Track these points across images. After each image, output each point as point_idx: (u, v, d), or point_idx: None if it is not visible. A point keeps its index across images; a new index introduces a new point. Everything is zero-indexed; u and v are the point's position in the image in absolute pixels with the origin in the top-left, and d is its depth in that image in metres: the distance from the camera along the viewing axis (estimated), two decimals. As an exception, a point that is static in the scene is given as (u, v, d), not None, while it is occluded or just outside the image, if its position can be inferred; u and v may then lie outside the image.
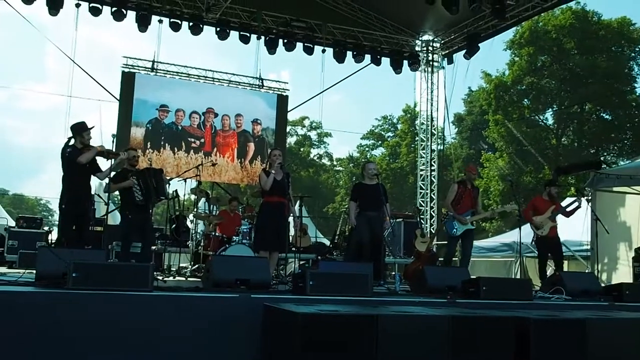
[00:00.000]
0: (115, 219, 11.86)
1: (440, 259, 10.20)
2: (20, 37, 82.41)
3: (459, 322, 4.52)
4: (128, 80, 15.22)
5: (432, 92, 17.25)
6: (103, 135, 10.15)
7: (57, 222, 13.67)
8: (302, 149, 46.54)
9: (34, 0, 13.14)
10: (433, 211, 16.41)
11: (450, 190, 9.61)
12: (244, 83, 16.57)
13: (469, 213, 9.21)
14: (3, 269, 9.45)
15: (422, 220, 15.68)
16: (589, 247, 11.61)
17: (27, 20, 14.31)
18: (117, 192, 8.66)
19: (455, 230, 9.18)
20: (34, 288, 5.06)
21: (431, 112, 17.29)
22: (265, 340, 4.84)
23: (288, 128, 28.45)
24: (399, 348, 4.26)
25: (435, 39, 16.91)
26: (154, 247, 10.78)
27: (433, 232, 14.86)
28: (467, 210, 9.23)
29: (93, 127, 7.76)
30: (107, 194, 8.33)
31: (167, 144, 15.41)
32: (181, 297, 5.14)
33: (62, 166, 7.70)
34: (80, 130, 7.66)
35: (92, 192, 8.49)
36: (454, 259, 10.29)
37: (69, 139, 7.63)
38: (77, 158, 7.45)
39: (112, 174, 8.10)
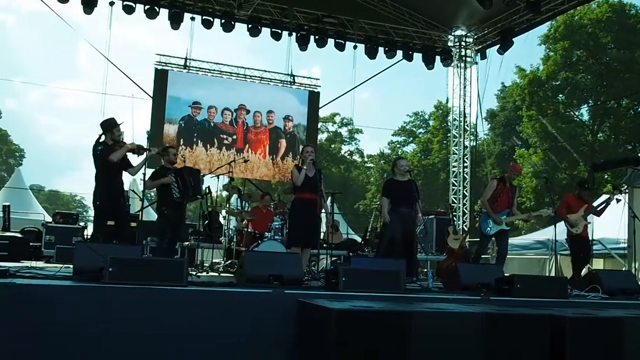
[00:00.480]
0: (148, 215, 12.00)
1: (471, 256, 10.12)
2: (55, 35, 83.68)
3: (493, 319, 4.48)
4: (161, 77, 15.36)
5: (464, 87, 17.09)
6: (137, 132, 10.26)
7: (92, 218, 13.92)
8: (333, 146, 46.53)
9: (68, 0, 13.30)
10: (465, 208, 16.28)
11: (488, 187, 9.42)
12: (276, 80, 16.61)
13: (505, 213, 9.07)
14: (41, 264, 9.61)
15: (454, 217, 15.58)
16: (625, 244, 11.43)
17: (62, 19, 14.52)
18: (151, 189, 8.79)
19: (489, 229, 9.04)
20: (72, 282, 5.16)
21: (464, 108, 17.15)
22: (298, 336, 4.86)
23: (319, 124, 28.44)
24: (432, 345, 4.24)
25: (468, 34, 16.75)
26: (186, 243, 10.88)
27: (466, 229, 14.74)
28: (504, 209, 9.09)
29: (122, 122, 7.85)
30: (141, 190, 8.44)
31: (199, 141, 15.52)
32: (215, 292, 5.19)
33: (94, 163, 7.79)
34: (110, 126, 7.74)
35: (126, 188, 8.60)
36: (484, 256, 10.18)
37: (100, 135, 7.72)
38: (108, 156, 7.51)
39: (150, 171, 8.21)
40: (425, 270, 10.87)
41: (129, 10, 13.80)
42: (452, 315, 4.51)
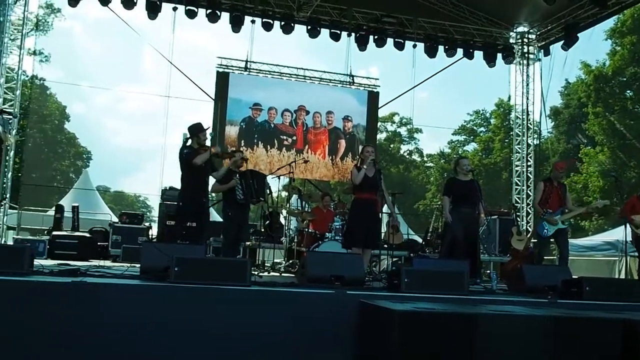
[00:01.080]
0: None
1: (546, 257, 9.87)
2: (120, 41, 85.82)
3: (562, 323, 4.36)
4: (222, 80, 15.56)
5: (527, 85, 16.76)
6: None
7: (156, 218, 14.21)
8: (392, 146, 46.29)
9: (134, 6, 13.64)
10: (529, 208, 15.94)
11: (536, 190, 9.35)
12: (335, 80, 16.62)
13: (559, 212, 8.87)
14: (108, 263, 9.88)
15: (518, 218, 15.31)
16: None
17: (127, 25, 14.85)
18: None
19: (545, 231, 8.87)
20: (139, 281, 5.32)
21: (526, 106, 16.81)
22: (360, 337, 4.84)
23: (378, 124, 28.32)
24: (498, 348, 4.16)
25: (531, 30, 16.41)
26: (248, 243, 11.00)
27: (530, 229, 14.45)
28: (557, 208, 8.90)
29: (209, 128, 8.03)
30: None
31: (260, 142, 15.66)
32: (278, 292, 5.22)
33: (180, 166, 7.99)
34: (196, 131, 7.94)
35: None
36: (547, 257, 9.96)
37: (186, 139, 7.89)
38: (192, 159, 7.67)
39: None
40: (488, 271, 10.70)
41: (191, 14, 14.05)
42: (519, 318, 4.41)
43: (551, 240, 9.07)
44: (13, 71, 13.71)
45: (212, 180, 8.50)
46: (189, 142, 7.89)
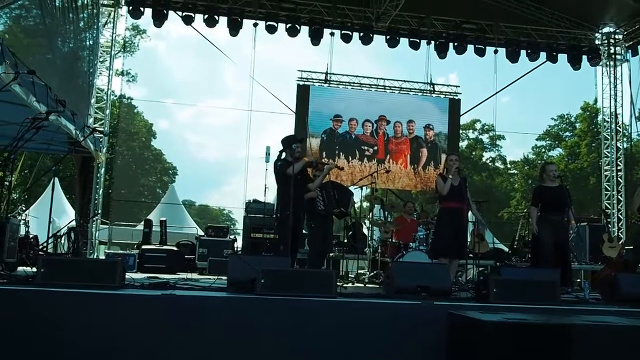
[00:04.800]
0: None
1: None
2: (202, 57, 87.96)
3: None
4: (303, 92, 15.74)
5: (615, 87, 16.25)
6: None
7: (240, 231, 14.44)
8: (474, 153, 45.54)
9: (216, 23, 14.05)
10: (621, 214, 15.39)
11: (636, 195, 8.81)
12: (415, 89, 16.53)
13: None
14: (195, 275, 10.09)
15: (608, 224, 14.79)
16: None
17: (210, 42, 15.26)
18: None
19: None
20: (227, 293, 5.39)
21: (615, 109, 16.31)
22: (449, 349, 4.78)
23: (460, 132, 27.98)
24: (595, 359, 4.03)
25: (618, 31, 15.93)
26: (332, 254, 11.04)
27: (622, 236, 13.93)
28: None
29: (303, 139, 8.09)
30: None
31: (341, 153, 15.74)
32: (365, 304, 5.24)
33: (275, 179, 8.12)
34: (289, 143, 8.01)
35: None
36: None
37: (280, 152, 7.98)
38: (286, 170, 7.75)
39: None
40: (579, 280, 10.37)
41: (271, 30, 14.36)
42: (618, 329, 4.26)
43: None
44: (103, 91, 14.34)
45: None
46: (283, 154, 7.96)
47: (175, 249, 12.09)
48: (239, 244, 13.08)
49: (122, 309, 4.67)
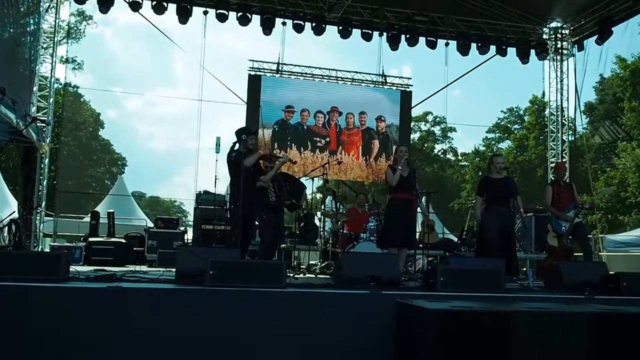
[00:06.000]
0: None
1: (576, 254, 9.83)
2: (151, 45, 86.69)
3: (600, 318, 4.33)
4: (254, 83, 15.65)
5: (561, 81, 16.58)
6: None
7: (191, 223, 14.33)
8: (425, 145, 46.08)
9: (164, 10, 13.78)
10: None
11: (546, 192, 9.55)
12: (367, 80, 16.59)
13: (571, 208, 9.05)
14: (144, 268, 9.98)
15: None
16: None
17: (159, 30, 15.04)
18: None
19: (563, 228, 9.03)
20: (175, 285, 5.34)
21: (561, 102, 16.64)
22: (397, 337, 4.85)
23: (411, 124, 28.25)
24: (536, 346, 4.14)
25: (564, 26, 16.22)
26: (283, 245, 11.04)
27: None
28: (568, 206, 9.09)
29: (256, 131, 8.05)
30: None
31: (293, 144, 15.72)
32: (314, 294, 5.27)
33: (228, 171, 8.05)
34: (243, 134, 7.97)
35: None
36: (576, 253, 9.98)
37: (234, 143, 7.93)
38: (240, 162, 7.70)
39: None
40: (524, 269, 10.61)
41: (222, 18, 14.17)
42: (557, 315, 4.39)
43: (569, 237, 9.14)
44: (46, 79, 13.80)
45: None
46: (237, 146, 7.93)
47: (123, 241, 11.90)
48: (189, 236, 12.98)
49: (65, 302, 4.57)
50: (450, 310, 4.25)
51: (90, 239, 11.67)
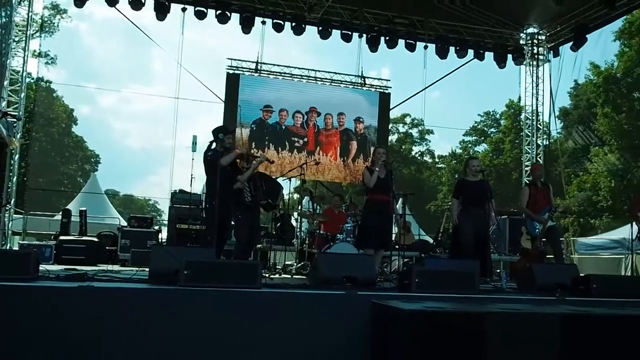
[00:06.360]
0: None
1: (548, 256, 9.96)
2: (127, 42, 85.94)
3: (570, 319, 4.41)
4: (233, 81, 15.61)
5: (537, 86, 16.77)
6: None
7: (166, 222, 14.23)
8: (403, 147, 46.28)
9: (142, 6, 13.62)
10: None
11: (522, 194, 9.68)
12: (346, 82, 16.63)
13: (547, 210, 9.14)
14: (117, 267, 9.88)
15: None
16: None
17: (136, 26, 14.91)
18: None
19: (537, 230, 9.13)
20: (148, 285, 5.31)
21: (536, 107, 16.82)
22: (372, 337, 4.89)
23: (389, 126, 28.36)
24: (508, 346, 4.20)
25: (541, 32, 16.41)
26: (259, 246, 11.03)
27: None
28: (544, 208, 9.18)
29: (234, 130, 8.01)
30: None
31: (271, 144, 15.71)
32: (289, 294, 5.27)
33: (204, 170, 8.00)
34: (220, 133, 7.94)
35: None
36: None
37: (211, 142, 7.89)
38: (217, 161, 7.66)
39: None
40: (498, 270, 10.73)
41: (200, 15, 14.08)
42: (528, 316, 4.46)
43: (543, 239, 9.26)
44: (18, 73, 13.50)
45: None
46: (214, 145, 7.90)
47: (95, 240, 11.77)
48: (164, 235, 12.89)
49: (34, 302, 4.48)
50: (424, 311, 4.29)
51: (61, 238, 11.53)
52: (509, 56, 16.15)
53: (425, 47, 15.56)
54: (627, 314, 4.68)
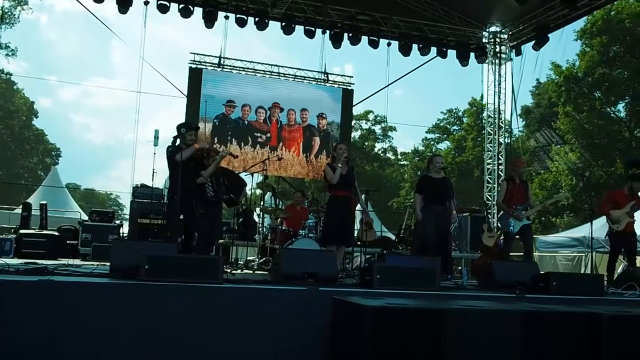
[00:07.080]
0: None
1: (519, 253, 10.06)
2: (89, 34, 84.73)
3: (529, 317, 4.44)
4: (195, 76, 15.50)
5: (499, 84, 16.95)
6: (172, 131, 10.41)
7: (127, 217, 14.08)
8: (366, 143, 46.48)
9: (103, -1, 13.46)
10: (500, 205, 16.12)
11: (500, 189, 9.74)
12: (309, 77, 16.63)
13: (523, 208, 9.15)
14: (77, 262, 9.73)
15: (489, 215, 15.47)
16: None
17: (97, 18, 14.69)
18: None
19: (512, 227, 9.12)
20: (109, 279, 5.22)
21: (498, 105, 17.01)
22: (333, 333, 4.87)
23: (352, 122, 28.42)
24: (467, 342, 4.21)
25: (503, 30, 16.60)
26: (221, 241, 10.96)
27: (500, 226, 14.63)
28: (520, 204, 9.18)
29: (197, 127, 7.98)
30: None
31: (233, 139, 15.64)
32: (250, 290, 5.22)
33: (167, 165, 7.99)
34: (183, 129, 7.89)
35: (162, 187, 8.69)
36: (513, 253, 10.19)
37: (175, 138, 7.84)
38: (175, 156, 7.60)
39: None
40: (460, 267, 10.82)
41: (163, 9, 13.94)
42: (488, 313, 4.48)
43: (516, 236, 9.28)
44: (-23, 66, 13.29)
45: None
46: (178, 141, 7.85)
47: (56, 234, 11.54)
48: (125, 230, 12.74)
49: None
50: (385, 307, 4.28)
51: (21, 231, 11.29)
52: (472, 54, 16.33)
53: (389, 44, 15.61)
54: (586, 311, 4.73)
